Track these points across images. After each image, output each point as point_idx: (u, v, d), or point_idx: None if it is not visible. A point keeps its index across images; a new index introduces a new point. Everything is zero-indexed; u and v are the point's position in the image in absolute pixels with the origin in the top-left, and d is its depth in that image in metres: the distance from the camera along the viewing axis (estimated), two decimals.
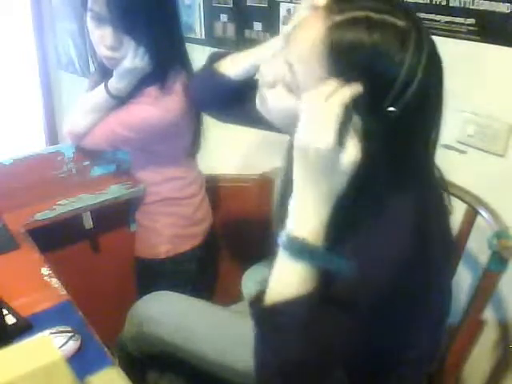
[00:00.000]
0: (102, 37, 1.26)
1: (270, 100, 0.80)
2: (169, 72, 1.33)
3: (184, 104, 1.34)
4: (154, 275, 1.54)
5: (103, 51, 1.29)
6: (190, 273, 1.59)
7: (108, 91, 1.34)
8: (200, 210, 1.58)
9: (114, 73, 1.33)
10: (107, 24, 1.24)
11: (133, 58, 1.27)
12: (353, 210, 0.72)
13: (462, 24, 1.17)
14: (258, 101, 0.83)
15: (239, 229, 1.75)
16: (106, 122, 1.37)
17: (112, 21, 1.23)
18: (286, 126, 0.80)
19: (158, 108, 1.31)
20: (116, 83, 1.33)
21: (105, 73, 1.39)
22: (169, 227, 1.54)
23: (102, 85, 1.36)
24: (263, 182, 1.75)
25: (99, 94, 1.37)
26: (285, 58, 0.75)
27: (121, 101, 1.36)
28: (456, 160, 1.27)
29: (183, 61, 1.39)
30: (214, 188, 1.71)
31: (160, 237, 1.54)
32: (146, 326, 1.15)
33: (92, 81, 1.51)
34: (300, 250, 0.68)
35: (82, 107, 1.41)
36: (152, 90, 1.32)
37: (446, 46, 1.14)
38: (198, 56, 1.87)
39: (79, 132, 1.39)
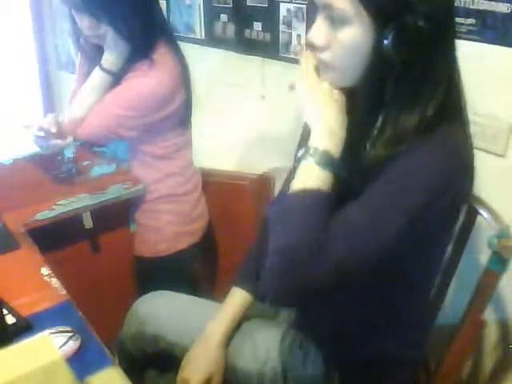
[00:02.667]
0: (81, 20, 1.36)
1: (334, 52, 0.82)
2: (152, 45, 1.39)
3: (173, 72, 1.39)
4: (155, 273, 1.55)
5: (86, 32, 1.38)
6: (190, 270, 1.60)
7: (103, 68, 1.39)
8: (198, 207, 1.60)
9: (105, 47, 1.39)
10: (80, 10, 1.34)
11: (113, 34, 1.35)
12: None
13: (462, 24, 1.17)
14: (324, 77, 0.86)
15: (235, 226, 1.76)
16: (102, 107, 1.39)
17: (81, 7, 1.33)
18: (358, 65, 0.82)
19: (149, 79, 1.36)
20: (108, 56, 1.39)
21: (93, 60, 1.46)
22: (168, 225, 1.55)
23: (96, 68, 1.41)
24: (262, 182, 1.75)
25: (95, 75, 1.41)
26: (322, 4, 0.80)
27: (115, 77, 1.40)
28: None
29: (164, 31, 1.45)
30: (213, 183, 1.72)
31: (160, 235, 1.55)
32: (145, 324, 1.15)
33: (80, 73, 1.56)
34: (325, 159, 0.81)
35: (80, 95, 1.43)
36: (140, 65, 1.38)
37: None
38: (198, 56, 1.88)
39: (78, 117, 1.40)
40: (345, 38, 0.80)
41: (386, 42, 0.77)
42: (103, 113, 1.39)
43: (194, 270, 1.62)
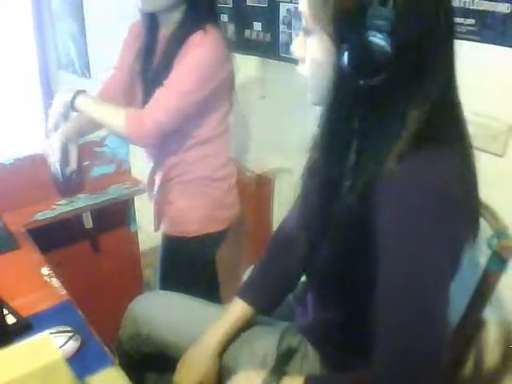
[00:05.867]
0: None
1: (307, 64, 0.80)
2: (206, 20, 1.42)
3: (222, 41, 1.43)
4: (179, 253, 1.57)
5: None
6: (213, 255, 1.63)
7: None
8: (229, 195, 1.61)
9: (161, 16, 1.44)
10: None
11: None
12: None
13: (462, 24, 1.17)
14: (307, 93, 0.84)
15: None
16: (168, 91, 1.39)
17: None
18: (324, 82, 0.78)
19: (205, 47, 1.39)
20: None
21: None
22: (200, 207, 1.56)
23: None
24: (261, 182, 1.75)
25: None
26: (300, 11, 0.79)
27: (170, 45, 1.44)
28: None
29: (215, 13, 1.50)
30: None
31: (192, 215, 1.56)
32: (141, 325, 1.14)
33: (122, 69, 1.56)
34: None
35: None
36: (195, 37, 1.40)
37: None
38: None
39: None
40: (310, 49, 0.79)
41: (343, 58, 0.72)
42: (172, 96, 1.38)
43: (215, 257, 1.65)
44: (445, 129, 0.77)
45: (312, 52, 0.78)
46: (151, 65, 1.49)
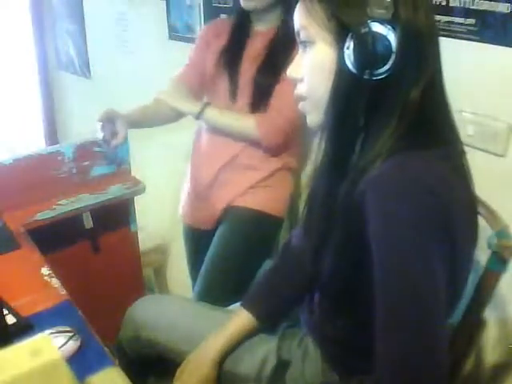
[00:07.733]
0: None
1: (306, 80, 0.81)
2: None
3: None
4: (252, 226, 1.55)
5: None
6: (272, 243, 1.62)
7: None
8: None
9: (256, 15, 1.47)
10: None
11: None
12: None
13: (462, 24, 1.17)
14: (307, 117, 0.85)
15: None
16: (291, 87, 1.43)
17: None
18: (327, 90, 0.78)
19: None
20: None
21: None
22: (283, 191, 1.58)
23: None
24: None
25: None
26: (297, 28, 0.80)
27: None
28: None
29: None
30: None
31: (280, 195, 1.58)
32: (141, 329, 1.14)
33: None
34: None
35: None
36: None
37: (446, 46, 1.15)
38: None
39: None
40: (310, 61, 0.79)
41: (347, 51, 0.72)
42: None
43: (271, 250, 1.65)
44: (435, 129, 0.77)
45: (312, 63, 0.79)
46: (240, 60, 1.49)
